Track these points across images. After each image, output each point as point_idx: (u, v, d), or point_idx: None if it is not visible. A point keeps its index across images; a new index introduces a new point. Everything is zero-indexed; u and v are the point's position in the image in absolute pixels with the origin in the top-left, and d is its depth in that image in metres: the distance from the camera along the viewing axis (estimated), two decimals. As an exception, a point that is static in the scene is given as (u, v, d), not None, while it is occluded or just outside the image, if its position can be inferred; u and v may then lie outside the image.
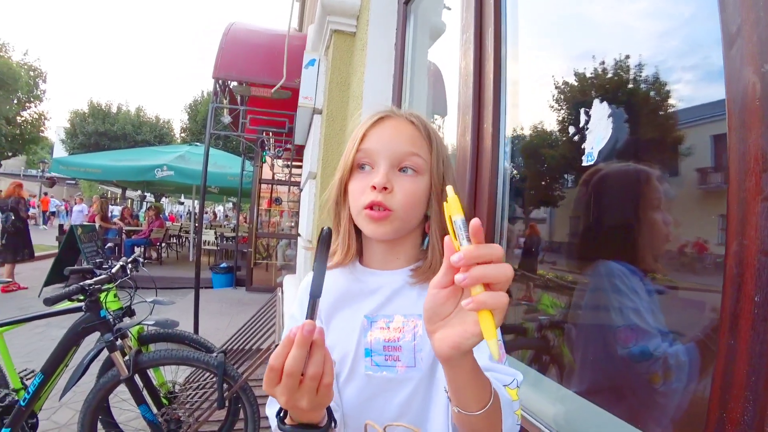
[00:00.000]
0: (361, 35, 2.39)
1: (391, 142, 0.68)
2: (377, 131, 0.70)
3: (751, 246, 0.52)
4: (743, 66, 0.54)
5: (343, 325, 0.72)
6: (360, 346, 0.69)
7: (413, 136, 0.69)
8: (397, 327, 0.68)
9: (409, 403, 0.67)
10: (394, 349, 0.67)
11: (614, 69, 0.92)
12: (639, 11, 0.93)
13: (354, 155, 0.69)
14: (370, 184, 0.67)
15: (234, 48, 4.58)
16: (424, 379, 0.67)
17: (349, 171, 0.71)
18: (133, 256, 2.44)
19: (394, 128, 0.70)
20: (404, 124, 0.71)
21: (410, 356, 0.67)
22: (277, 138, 6.19)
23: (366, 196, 0.67)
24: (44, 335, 4.40)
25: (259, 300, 5.26)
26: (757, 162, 0.52)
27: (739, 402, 0.52)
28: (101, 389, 2.03)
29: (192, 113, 25.40)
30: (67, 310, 2.10)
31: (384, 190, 0.66)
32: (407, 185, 0.67)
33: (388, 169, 0.67)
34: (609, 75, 0.94)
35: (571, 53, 1.14)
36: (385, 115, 0.72)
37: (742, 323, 0.52)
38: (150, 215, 10.29)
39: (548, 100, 1.14)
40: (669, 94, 0.81)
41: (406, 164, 0.68)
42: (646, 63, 0.84)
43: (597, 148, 0.83)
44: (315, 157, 2.78)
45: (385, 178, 0.66)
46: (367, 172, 0.69)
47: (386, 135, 0.69)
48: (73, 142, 24.70)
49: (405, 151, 0.68)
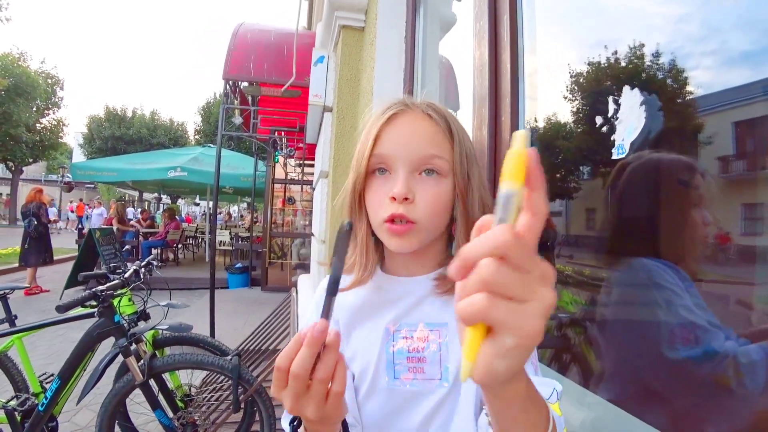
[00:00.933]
0: (370, 30, 2.34)
1: (409, 144, 0.61)
2: (392, 131, 0.62)
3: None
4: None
5: (365, 336, 0.67)
6: (382, 357, 0.64)
7: (433, 134, 0.62)
8: (422, 336, 0.63)
9: (433, 416, 0.62)
10: (419, 360, 0.62)
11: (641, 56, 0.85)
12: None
13: (368, 161, 0.62)
14: (388, 193, 0.60)
15: (243, 48, 4.57)
16: (451, 393, 0.62)
17: (364, 177, 0.63)
18: (147, 259, 2.44)
19: (411, 127, 0.62)
20: (421, 119, 0.63)
21: (436, 368, 0.62)
22: (289, 137, 6.19)
23: (385, 208, 0.60)
24: (65, 337, 4.48)
25: (275, 299, 5.27)
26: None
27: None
28: (117, 394, 2.03)
29: (205, 115, 25.69)
30: (80, 316, 2.10)
31: (405, 201, 0.59)
32: (430, 192, 0.60)
33: (408, 175, 0.60)
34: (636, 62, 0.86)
35: (591, 40, 1.06)
36: (399, 110, 0.63)
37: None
38: (166, 217, 10.44)
39: (569, 89, 1.08)
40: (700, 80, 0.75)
41: (428, 168, 0.61)
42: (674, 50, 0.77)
43: (629, 140, 0.76)
44: (326, 155, 2.74)
45: (405, 187, 0.59)
46: (385, 178, 0.62)
47: (403, 136, 0.61)
48: (91, 147, 25.26)
49: (425, 154, 0.60)
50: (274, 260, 8.79)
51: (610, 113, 0.85)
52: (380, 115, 0.64)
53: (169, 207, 12.43)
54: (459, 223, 0.63)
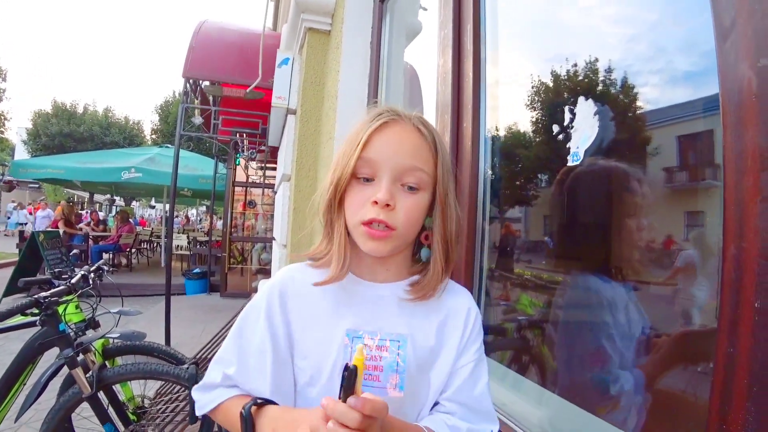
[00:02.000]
0: (336, 34, 2.34)
1: (397, 153, 0.63)
2: (381, 138, 0.64)
3: (751, 250, 0.49)
4: (739, 61, 0.52)
5: (321, 338, 0.67)
6: (338, 364, 0.64)
7: (419, 148, 0.65)
8: (382, 346, 0.64)
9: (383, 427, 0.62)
10: (375, 368, 0.63)
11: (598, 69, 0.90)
12: (617, 14, 0.92)
13: (355, 162, 0.63)
14: (370, 197, 0.62)
15: (205, 46, 4.42)
16: (405, 402, 0.64)
17: (348, 178, 0.64)
18: (97, 264, 2.30)
19: (400, 137, 0.64)
20: (411, 132, 0.65)
21: (392, 377, 0.63)
22: (250, 139, 6.04)
23: (366, 210, 0.63)
24: (2, 349, 4.13)
25: (234, 306, 5.11)
26: (754, 161, 0.49)
27: (740, 413, 0.49)
28: (62, 408, 1.89)
29: (163, 114, 24.67)
30: (20, 325, 1.94)
31: (386, 207, 0.61)
32: (409, 203, 0.64)
33: (391, 184, 0.63)
34: (591, 75, 0.92)
35: (551, 52, 1.12)
36: (391, 119, 0.65)
37: (741, 330, 0.49)
38: (119, 220, 9.90)
39: (528, 97, 1.12)
40: (653, 93, 0.81)
41: (409, 181, 0.64)
42: (630, 64, 0.83)
43: (583, 148, 0.81)
44: (289, 158, 2.70)
45: (388, 194, 0.62)
46: (368, 184, 0.64)
47: (391, 144, 0.64)
48: (35, 144, 23.57)
49: (409, 165, 0.63)
50: (234, 265, 8.53)
51: (566, 123, 0.89)
52: (370, 120, 0.65)
53: (122, 209, 11.80)
54: (436, 233, 0.66)
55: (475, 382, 0.67)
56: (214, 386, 0.69)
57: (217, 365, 0.70)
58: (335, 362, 0.64)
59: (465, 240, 1.12)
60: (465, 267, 1.14)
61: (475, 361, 0.68)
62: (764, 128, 0.49)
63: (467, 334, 0.68)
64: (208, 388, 0.70)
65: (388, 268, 0.70)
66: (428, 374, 0.67)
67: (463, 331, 0.68)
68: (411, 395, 0.64)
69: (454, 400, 0.66)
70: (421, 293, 0.66)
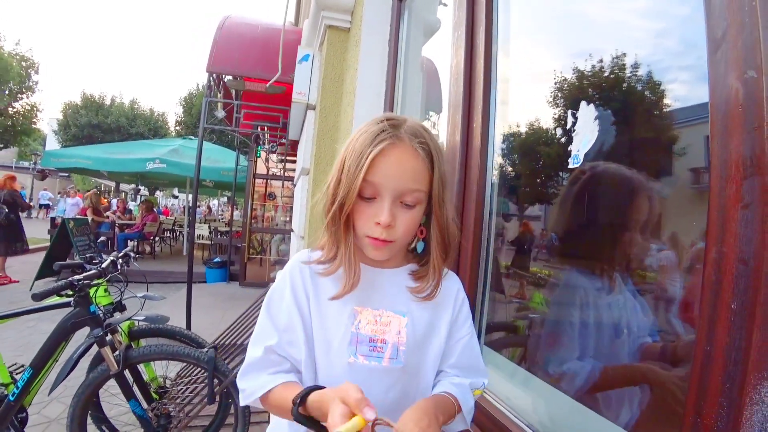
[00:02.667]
0: (355, 31, 2.37)
1: (397, 178, 0.68)
2: (383, 163, 0.68)
3: (730, 253, 0.52)
4: (727, 71, 0.54)
5: (332, 315, 0.75)
6: (345, 336, 0.73)
7: (417, 170, 0.70)
8: (385, 322, 0.74)
9: (386, 394, 0.73)
10: (381, 341, 0.72)
11: (605, 68, 0.92)
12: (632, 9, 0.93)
13: (360, 185, 0.68)
14: (373, 215, 0.69)
15: (229, 41, 4.53)
16: (405, 375, 0.73)
17: (354, 199, 0.70)
18: (125, 251, 2.42)
19: (400, 162, 0.69)
20: (409, 155, 0.69)
21: (394, 350, 0.72)
22: (271, 133, 6.15)
23: (370, 229, 0.70)
24: (35, 329, 4.37)
25: (253, 295, 5.24)
26: (738, 169, 0.52)
27: (714, 408, 0.52)
28: (91, 384, 2.02)
29: (187, 106, 25.18)
30: (56, 305, 2.08)
31: (388, 227, 0.69)
32: (407, 218, 0.71)
33: (392, 205, 0.69)
34: (599, 74, 0.94)
35: (562, 51, 1.14)
36: (391, 143, 0.69)
37: (719, 330, 0.52)
38: (143, 209, 10.22)
39: (538, 98, 1.15)
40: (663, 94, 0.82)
41: (407, 200, 0.70)
42: (640, 62, 0.84)
43: (583, 151, 0.83)
44: (308, 152, 2.76)
45: (390, 216, 0.68)
46: (370, 202, 0.70)
47: (392, 170, 0.68)
48: (66, 134, 24.46)
49: (408, 188, 0.69)
50: (253, 255, 8.72)
51: (568, 125, 0.92)
52: (372, 141, 0.69)
53: (147, 199, 12.17)
54: (433, 237, 0.74)
55: (472, 349, 0.80)
56: (258, 368, 0.74)
57: (256, 343, 0.76)
58: (344, 334, 0.73)
59: (471, 236, 1.16)
60: (471, 262, 1.17)
61: (470, 333, 0.80)
62: (748, 138, 0.51)
63: (457, 310, 0.79)
64: (254, 371, 0.74)
65: (389, 259, 0.77)
66: (425, 347, 0.76)
67: (453, 309, 0.79)
68: (410, 366, 0.74)
69: (456, 366, 0.79)
70: (424, 294, 0.75)
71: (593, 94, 0.95)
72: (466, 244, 1.19)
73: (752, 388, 0.48)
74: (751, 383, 0.48)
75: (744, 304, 0.50)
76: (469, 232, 1.18)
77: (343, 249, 0.73)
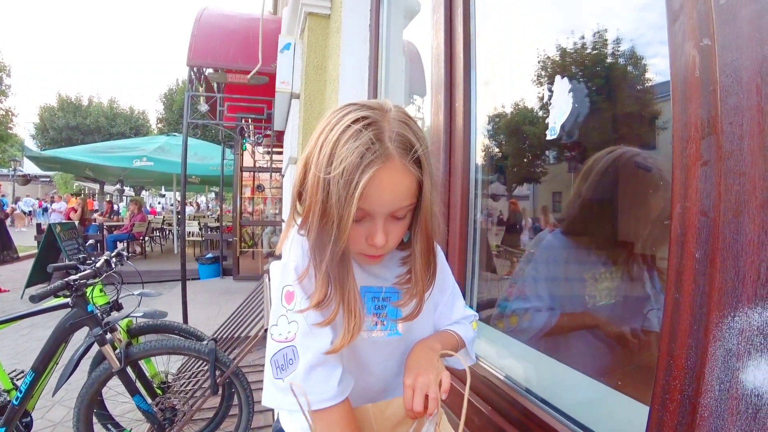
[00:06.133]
0: (336, 17, 2.37)
1: (390, 202, 0.65)
2: (375, 190, 0.62)
3: (692, 207, 0.56)
4: (685, 41, 0.58)
5: None
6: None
7: (409, 188, 0.66)
8: (385, 298, 0.77)
9: (387, 362, 0.79)
10: (383, 315, 0.76)
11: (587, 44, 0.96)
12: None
13: (354, 213, 0.61)
14: (365, 236, 0.67)
15: (207, 34, 4.47)
16: (404, 339, 0.79)
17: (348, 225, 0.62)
18: (117, 250, 2.43)
19: (393, 185, 0.64)
20: (402, 176, 0.64)
21: (392, 323, 0.77)
22: (256, 124, 6.11)
23: (363, 248, 0.68)
24: (30, 336, 4.36)
25: (247, 288, 5.27)
26: (696, 130, 0.56)
27: (684, 350, 0.57)
28: (94, 383, 2.05)
29: (168, 103, 24.74)
30: (53, 307, 2.09)
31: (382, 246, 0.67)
32: (398, 230, 0.69)
33: (384, 223, 0.66)
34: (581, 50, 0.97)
35: (543, 29, 1.17)
36: (381, 167, 0.62)
37: (685, 278, 0.57)
38: (132, 209, 10.11)
39: (522, 77, 1.18)
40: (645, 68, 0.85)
41: (398, 215, 0.67)
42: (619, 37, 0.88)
43: (559, 123, 0.87)
44: (295, 141, 2.78)
45: (384, 238, 0.66)
46: (361, 223, 0.66)
47: (385, 196, 0.64)
48: (44, 138, 23.91)
49: (401, 206, 0.66)
50: (245, 249, 8.72)
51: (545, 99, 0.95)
52: (361, 165, 0.60)
53: (134, 198, 12.02)
54: (418, 239, 0.71)
55: (455, 300, 0.88)
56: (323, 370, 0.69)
57: (306, 347, 0.70)
58: None
59: (459, 218, 1.20)
60: (459, 243, 1.22)
61: (451, 289, 0.87)
62: (705, 102, 0.55)
63: (438, 266, 0.78)
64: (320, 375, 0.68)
65: None
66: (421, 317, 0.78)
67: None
68: (408, 333, 0.79)
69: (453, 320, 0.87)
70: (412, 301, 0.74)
71: (577, 70, 0.99)
72: (453, 226, 1.24)
73: (715, 327, 0.53)
74: (714, 322, 0.53)
75: (706, 252, 0.55)
76: (456, 213, 1.22)
77: (344, 298, 0.67)
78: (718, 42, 0.53)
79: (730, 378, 0.51)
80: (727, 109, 0.52)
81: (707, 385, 0.53)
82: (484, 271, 1.34)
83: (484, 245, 1.30)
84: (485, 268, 1.34)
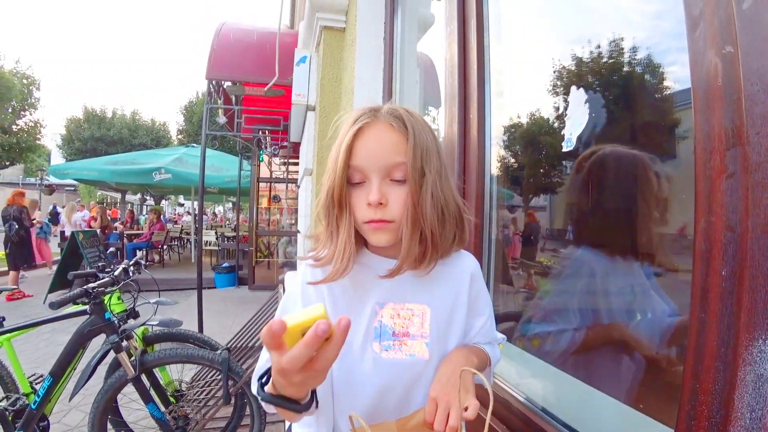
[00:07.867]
0: (350, 30, 2.40)
1: (378, 156, 0.67)
2: (361, 144, 0.68)
3: (718, 222, 0.54)
4: (706, 48, 0.56)
5: (353, 310, 0.73)
6: (369, 332, 0.71)
7: (397, 143, 0.68)
8: (407, 315, 0.72)
9: (411, 389, 0.71)
10: (404, 335, 0.71)
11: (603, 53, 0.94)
12: None
13: (343, 172, 0.68)
14: (365, 200, 0.67)
15: (226, 48, 4.58)
16: (429, 367, 0.71)
17: (341, 186, 0.68)
18: (135, 259, 2.47)
19: (378, 139, 0.68)
20: (385, 130, 0.68)
21: (418, 343, 0.71)
22: (273, 136, 6.20)
23: (364, 212, 0.68)
24: (50, 341, 4.45)
25: (262, 298, 5.29)
26: (720, 141, 0.54)
27: (711, 373, 0.54)
28: (109, 390, 2.07)
29: (188, 115, 25.35)
30: (72, 313, 2.13)
31: (380, 206, 0.67)
32: (401, 195, 0.68)
33: (380, 183, 0.67)
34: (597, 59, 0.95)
35: (557, 39, 1.15)
36: (365, 123, 0.68)
37: (711, 297, 0.54)
38: (151, 218, 10.33)
39: (537, 88, 1.16)
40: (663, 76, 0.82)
41: (396, 175, 0.68)
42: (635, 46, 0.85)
43: (575, 134, 0.85)
44: (310, 153, 2.80)
45: (378, 194, 0.66)
46: (362, 186, 0.69)
47: (371, 148, 0.67)
48: (70, 149, 24.72)
49: (392, 163, 0.67)
50: (261, 259, 8.78)
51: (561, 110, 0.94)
52: (350, 126, 0.69)
53: (154, 208, 12.27)
54: (408, 218, 0.68)
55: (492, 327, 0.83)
56: None
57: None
58: (366, 330, 0.71)
59: (473, 228, 1.18)
60: (474, 252, 1.20)
61: (488, 314, 0.82)
62: (729, 111, 0.53)
63: (475, 289, 0.77)
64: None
65: (395, 246, 0.73)
66: (448, 336, 0.74)
67: (469, 288, 0.77)
68: (435, 357, 0.72)
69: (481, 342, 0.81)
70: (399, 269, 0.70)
71: (592, 80, 0.96)
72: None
73: (744, 350, 0.50)
74: (743, 345, 0.50)
75: (733, 270, 0.52)
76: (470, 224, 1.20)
77: (336, 238, 0.71)
78: (742, 49, 0.51)
79: (762, 406, 0.47)
80: (753, 118, 0.50)
81: (737, 413, 0.50)
82: (500, 284, 1.31)
83: (499, 257, 1.27)
84: (501, 281, 1.31)
